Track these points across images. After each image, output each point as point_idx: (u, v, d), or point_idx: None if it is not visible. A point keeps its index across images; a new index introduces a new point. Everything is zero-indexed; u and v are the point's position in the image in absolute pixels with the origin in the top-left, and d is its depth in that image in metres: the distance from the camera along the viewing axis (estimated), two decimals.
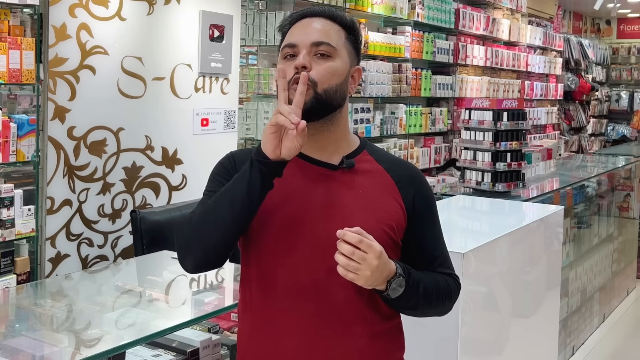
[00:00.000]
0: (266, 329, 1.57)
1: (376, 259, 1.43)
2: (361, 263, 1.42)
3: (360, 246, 1.42)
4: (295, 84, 1.52)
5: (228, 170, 1.61)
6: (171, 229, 3.42)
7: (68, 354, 2.03)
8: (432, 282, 1.58)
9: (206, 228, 1.49)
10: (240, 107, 4.65)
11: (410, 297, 1.53)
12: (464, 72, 7.23)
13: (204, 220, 1.50)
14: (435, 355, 2.53)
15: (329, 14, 1.62)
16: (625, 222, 6.37)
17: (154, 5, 3.89)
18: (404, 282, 1.50)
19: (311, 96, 1.53)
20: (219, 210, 1.48)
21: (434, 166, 6.73)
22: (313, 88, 1.53)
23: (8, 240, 3.21)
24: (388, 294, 1.49)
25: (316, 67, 1.55)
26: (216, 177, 1.62)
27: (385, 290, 1.49)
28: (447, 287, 1.62)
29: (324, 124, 1.58)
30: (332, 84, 1.56)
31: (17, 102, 3.32)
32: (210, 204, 1.50)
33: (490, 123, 4.18)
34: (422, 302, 1.56)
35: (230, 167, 1.62)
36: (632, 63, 12.53)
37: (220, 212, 1.48)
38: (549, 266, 3.41)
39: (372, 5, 5.57)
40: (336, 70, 1.57)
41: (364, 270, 1.42)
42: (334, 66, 1.57)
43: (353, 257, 1.42)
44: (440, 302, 1.61)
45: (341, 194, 1.56)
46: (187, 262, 1.56)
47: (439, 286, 1.60)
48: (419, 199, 1.62)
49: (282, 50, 1.60)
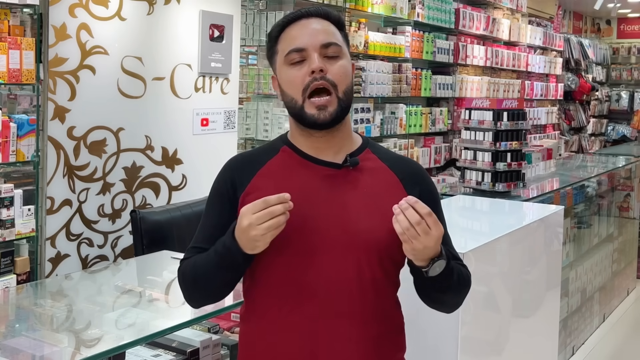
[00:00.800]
0: (268, 330, 1.57)
1: (436, 239, 1.44)
2: (421, 235, 1.42)
3: (427, 219, 1.42)
4: (313, 92, 1.51)
5: (223, 195, 1.61)
6: (171, 229, 3.42)
7: (68, 354, 2.03)
8: (457, 269, 1.59)
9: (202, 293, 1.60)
10: (240, 107, 4.65)
11: (447, 279, 1.53)
12: (464, 72, 7.23)
13: (197, 287, 1.59)
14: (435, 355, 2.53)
15: (324, 13, 1.60)
16: (625, 222, 6.37)
17: (154, 5, 3.89)
18: (444, 264, 1.50)
19: (335, 107, 1.52)
20: (210, 279, 1.55)
21: (434, 166, 6.73)
22: (335, 93, 1.52)
23: (8, 240, 3.21)
24: (427, 272, 1.49)
25: (330, 69, 1.53)
26: (214, 204, 1.63)
27: (426, 266, 1.49)
28: (467, 275, 1.64)
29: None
30: (347, 83, 1.56)
31: (17, 102, 3.32)
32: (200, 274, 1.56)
33: (490, 123, 4.18)
34: (454, 286, 1.57)
35: (226, 190, 1.60)
36: (632, 63, 12.53)
37: (212, 283, 1.56)
38: (549, 266, 3.41)
39: (372, 5, 5.57)
40: (347, 69, 1.57)
41: (419, 243, 1.43)
42: (345, 65, 1.56)
43: (417, 227, 1.42)
44: (465, 290, 1.63)
45: (346, 193, 1.56)
46: (193, 306, 1.71)
47: (462, 273, 1.61)
48: (424, 194, 1.61)
49: (286, 56, 1.55)
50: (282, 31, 1.59)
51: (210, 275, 1.54)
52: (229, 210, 1.58)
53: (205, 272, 1.54)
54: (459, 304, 1.67)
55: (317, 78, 1.51)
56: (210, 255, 1.54)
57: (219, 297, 1.64)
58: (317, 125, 1.54)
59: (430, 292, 1.60)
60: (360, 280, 1.53)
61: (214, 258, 1.52)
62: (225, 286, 1.59)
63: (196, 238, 1.63)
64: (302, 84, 1.52)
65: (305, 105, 1.52)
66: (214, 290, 1.59)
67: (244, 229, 1.43)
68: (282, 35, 1.59)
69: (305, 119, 1.54)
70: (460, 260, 1.66)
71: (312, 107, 1.52)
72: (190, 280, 1.58)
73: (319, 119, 1.52)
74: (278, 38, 1.59)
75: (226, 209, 1.58)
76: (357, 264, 1.52)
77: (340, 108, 1.54)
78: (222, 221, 1.57)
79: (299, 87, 1.53)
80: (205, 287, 1.57)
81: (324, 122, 1.53)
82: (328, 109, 1.52)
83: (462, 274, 1.60)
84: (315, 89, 1.52)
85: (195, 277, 1.56)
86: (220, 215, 1.59)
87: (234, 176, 1.60)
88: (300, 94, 1.53)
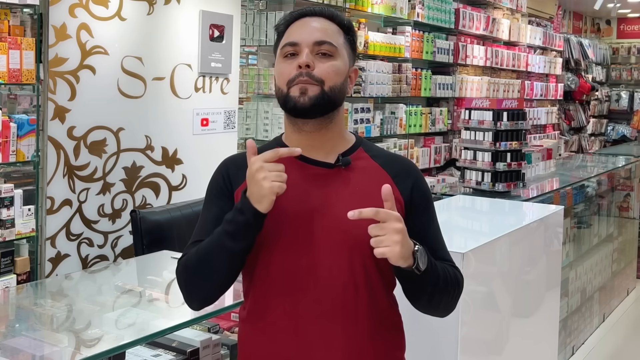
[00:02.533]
0: (266, 329, 1.57)
1: (397, 221, 1.43)
2: (386, 231, 1.42)
3: (378, 218, 1.43)
4: (297, 83, 1.53)
5: (222, 189, 1.62)
6: (171, 229, 3.42)
7: (68, 354, 2.03)
8: (441, 267, 1.58)
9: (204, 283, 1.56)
10: (240, 107, 4.65)
11: (434, 273, 1.52)
12: (464, 72, 7.23)
13: (201, 273, 1.55)
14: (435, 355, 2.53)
15: (328, 14, 1.62)
16: (625, 222, 6.37)
17: (154, 5, 3.89)
18: (425, 253, 1.50)
19: (318, 92, 1.54)
20: (215, 266, 1.53)
21: (434, 166, 6.73)
22: (320, 85, 1.54)
23: (8, 240, 3.21)
24: (417, 265, 1.48)
25: (320, 65, 1.55)
26: (212, 198, 1.63)
27: (413, 262, 1.47)
28: (454, 274, 1.62)
29: (322, 122, 1.58)
30: (337, 82, 1.57)
31: (17, 102, 3.32)
32: (203, 257, 1.53)
33: (490, 123, 4.18)
34: (442, 281, 1.55)
35: (224, 184, 1.62)
36: (632, 63, 12.53)
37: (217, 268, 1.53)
38: (549, 266, 3.41)
39: (372, 5, 5.57)
40: (339, 69, 1.58)
41: (390, 237, 1.42)
42: (337, 65, 1.58)
43: (379, 233, 1.43)
44: (452, 287, 1.60)
45: (338, 193, 1.57)
46: (193, 305, 1.64)
47: (447, 271, 1.60)
48: (416, 192, 1.62)
49: (281, 49, 1.59)
50: (287, 28, 1.62)
51: (217, 251, 1.51)
52: (227, 203, 1.58)
53: (212, 247, 1.51)
54: (451, 306, 1.65)
55: (302, 74, 1.53)
56: (216, 231, 1.52)
57: (223, 283, 1.57)
58: (296, 110, 1.54)
59: (420, 295, 1.59)
60: (354, 279, 1.54)
61: (223, 227, 1.50)
62: (233, 263, 1.53)
63: (195, 234, 1.62)
64: (289, 77, 1.54)
65: (291, 90, 1.54)
66: (220, 271, 1.53)
67: (254, 172, 1.45)
68: (286, 31, 1.62)
69: (288, 102, 1.55)
70: (451, 262, 1.66)
71: (297, 90, 1.53)
72: (194, 266, 1.54)
73: (299, 102, 1.53)
74: (283, 34, 1.63)
75: (225, 203, 1.59)
76: (351, 263, 1.53)
77: (323, 98, 1.54)
78: (222, 214, 1.56)
79: (285, 79, 1.55)
80: (211, 270, 1.53)
81: (304, 106, 1.53)
82: (308, 93, 1.53)
83: (449, 273, 1.59)
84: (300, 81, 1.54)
85: (200, 259, 1.53)
86: (220, 208, 1.59)
87: (230, 173, 1.62)
88: (285, 85, 1.55)
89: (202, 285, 1.57)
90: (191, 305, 1.63)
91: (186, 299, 1.61)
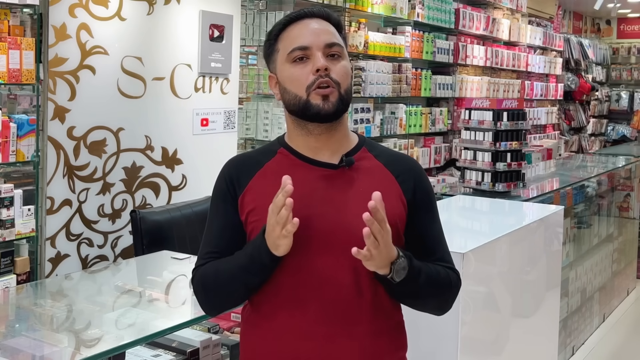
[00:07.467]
0: (269, 328, 1.57)
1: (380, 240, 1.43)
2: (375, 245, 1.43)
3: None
4: (318, 87, 1.53)
5: (226, 195, 1.62)
6: (171, 229, 3.42)
7: (68, 354, 2.03)
8: (433, 270, 1.58)
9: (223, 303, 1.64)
10: (240, 107, 4.65)
11: (413, 282, 1.52)
12: (464, 72, 7.23)
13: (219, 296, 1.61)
14: (435, 355, 2.53)
15: (325, 13, 1.63)
16: (625, 222, 6.37)
17: (154, 5, 3.89)
18: (407, 265, 1.50)
19: (337, 98, 1.55)
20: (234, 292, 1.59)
21: (434, 166, 6.73)
22: (337, 90, 1.55)
23: (8, 240, 3.21)
24: (392, 277, 1.48)
25: (333, 68, 1.56)
26: (218, 204, 1.64)
27: (389, 273, 1.48)
28: (447, 277, 1.61)
29: (332, 124, 1.59)
30: (348, 83, 1.59)
31: (17, 102, 3.32)
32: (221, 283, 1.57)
33: (490, 123, 4.18)
34: (424, 289, 1.56)
35: (228, 189, 1.62)
36: (632, 63, 12.53)
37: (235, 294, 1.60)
38: (549, 266, 3.41)
39: (372, 5, 5.57)
40: (348, 70, 1.60)
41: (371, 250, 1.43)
42: (346, 65, 1.60)
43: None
44: (440, 292, 1.60)
45: (342, 193, 1.57)
46: (210, 314, 1.74)
47: (439, 275, 1.59)
48: (419, 191, 1.62)
49: (289, 54, 1.57)
50: (283, 30, 1.61)
51: (235, 280, 1.55)
52: (234, 207, 1.60)
53: (231, 276, 1.55)
54: (443, 307, 1.66)
55: (322, 76, 1.54)
56: (236, 258, 1.55)
57: (239, 302, 1.65)
58: (320, 117, 1.55)
59: (400, 298, 1.61)
60: (359, 280, 1.54)
61: (242, 261, 1.54)
62: (249, 291, 1.59)
63: (207, 242, 1.64)
64: (307, 82, 1.54)
65: (311, 97, 1.54)
66: (237, 296, 1.61)
67: (268, 228, 1.47)
68: (283, 34, 1.61)
69: (309, 109, 1.55)
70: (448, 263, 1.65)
71: (318, 97, 1.54)
72: (212, 287, 1.58)
73: (323, 109, 1.54)
74: (278, 37, 1.61)
75: (232, 207, 1.60)
76: (355, 264, 1.52)
77: (341, 102, 1.56)
78: (230, 220, 1.59)
79: (304, 84, 1.55)
80: (229, 294, 1.59)
81: (328, 112, 1.54)
82: (330, 99, 1.54)
83: (439, 277, 1.59)
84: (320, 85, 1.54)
85: (218, 283, 1.57)
86: (227, 213, 1.60)
87: (233, 176, 1.62)
88: (305, 90, 1.55)
89: (221, 303, 1.64)
90: (208, 314, 1.74)
91: (204, 309, 1.67)
